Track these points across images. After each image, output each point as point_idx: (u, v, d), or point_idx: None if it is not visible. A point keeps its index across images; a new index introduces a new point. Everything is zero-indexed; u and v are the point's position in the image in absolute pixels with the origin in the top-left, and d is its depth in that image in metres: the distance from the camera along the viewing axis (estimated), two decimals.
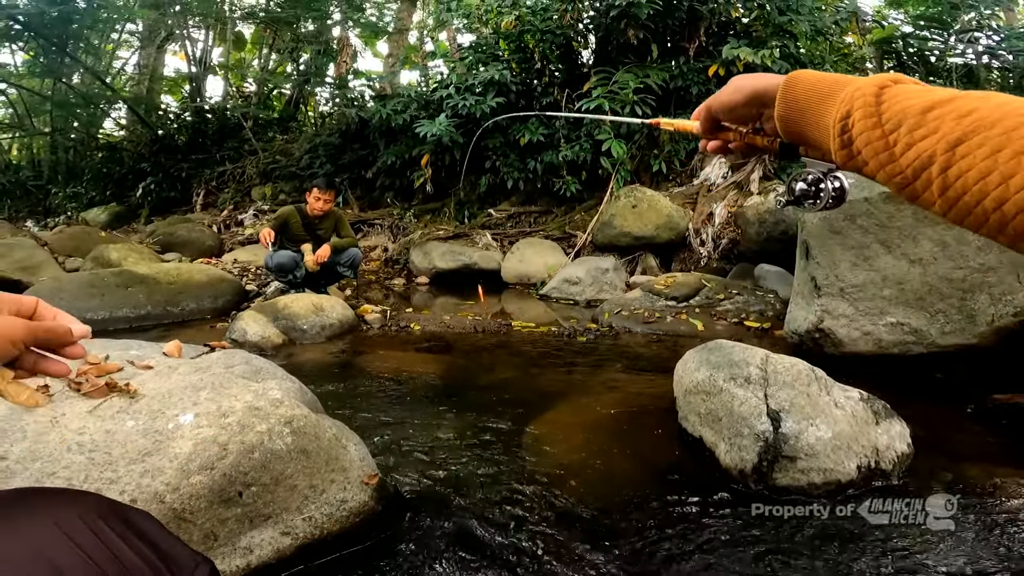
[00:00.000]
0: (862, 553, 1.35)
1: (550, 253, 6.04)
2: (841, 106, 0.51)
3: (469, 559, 1.32)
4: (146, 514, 0.62)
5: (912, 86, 0.49)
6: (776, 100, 0.59)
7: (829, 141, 0.54)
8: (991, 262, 2.48)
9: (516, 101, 6.79)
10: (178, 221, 8.18)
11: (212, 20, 11.78)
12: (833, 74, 0.57)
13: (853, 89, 0.51)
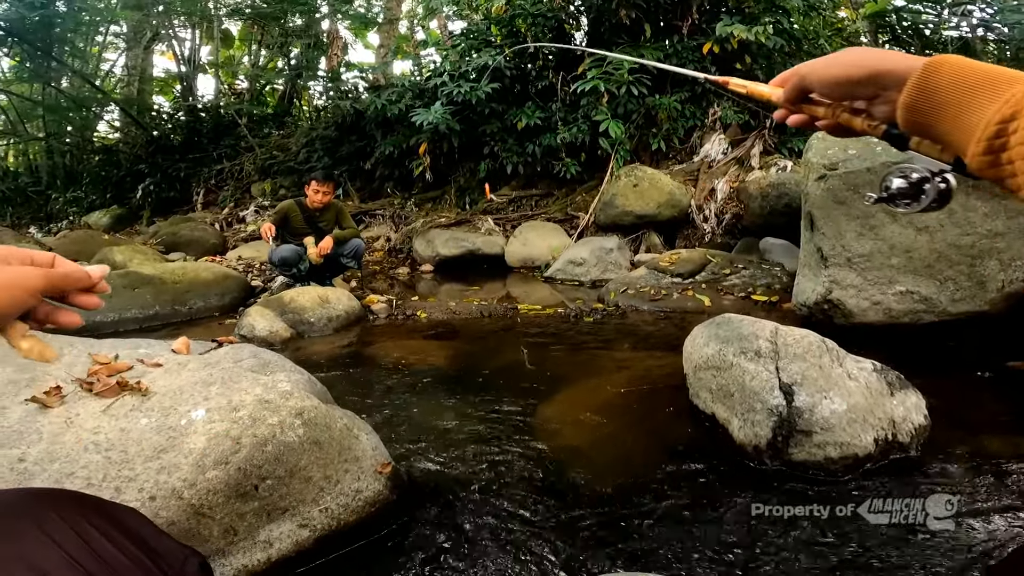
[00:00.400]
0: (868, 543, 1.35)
1: (553, 235, 6.02)
2: (1004, 107, 0.45)
3: (485, 544, 1.33)
4: (132, 511, 0.62)
5: None
6: (908, 85, 0.52)
7: (968, 141, 0.47)
8: (999, 228, 2.45)
9: (511, 86, 6.75)
10: (180, 221, 8.19)
11: (197, 18, 11.67)
12: (987, 65, 0.49)
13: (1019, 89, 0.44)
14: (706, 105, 6.48)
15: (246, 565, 1.19)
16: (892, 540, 1.09)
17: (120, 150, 11.74)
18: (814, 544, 1.10)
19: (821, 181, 2.89)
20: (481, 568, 1.25)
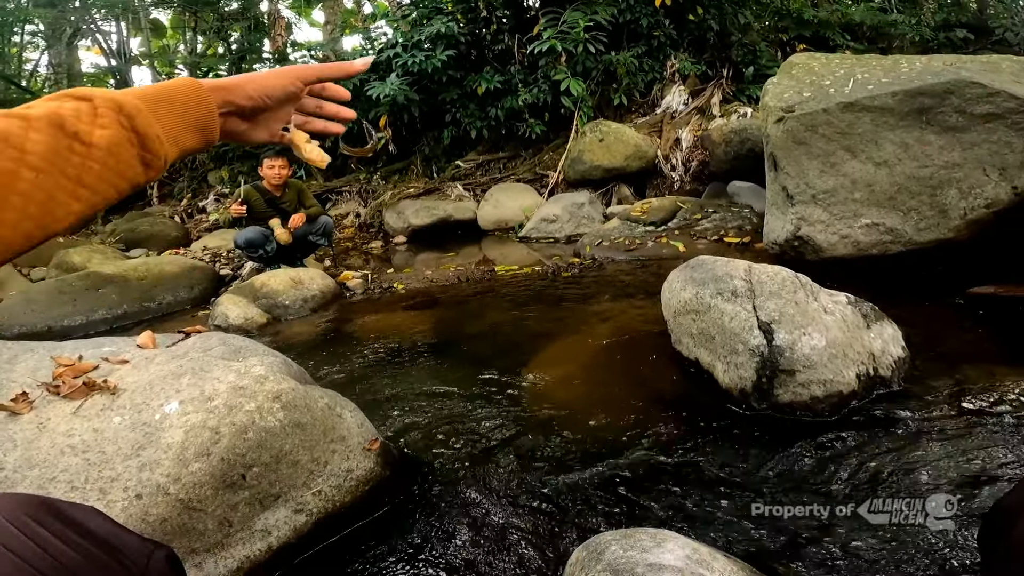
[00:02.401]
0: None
1: (524, 195, 5.99)
2: None
3: (484, 512, 1.33)
4: (90, 509, 0.60)
5: None
6: None
7: None
8: (955, 159, 2.49)
9: (467, 52, 6.60)
10: (137, 216, 7.91)
11: (120, 11, 11.05)
12: None
13: None
14: (664, 58, 6.44)
15: (248, 556, 1.17)
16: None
17: None
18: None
19: (780, 123, 2.91)
20: (480, 538, 1.25)
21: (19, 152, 0.43)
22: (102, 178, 0.48)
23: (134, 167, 0.50)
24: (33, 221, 0.43)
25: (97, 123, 0.47)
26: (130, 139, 0.49)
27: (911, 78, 2.65)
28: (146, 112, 0.51)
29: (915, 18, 7.70)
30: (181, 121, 0.56)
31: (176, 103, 0.55)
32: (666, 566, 0.86)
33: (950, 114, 2.49)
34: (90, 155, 0.46)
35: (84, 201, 0.46)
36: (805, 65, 3.27)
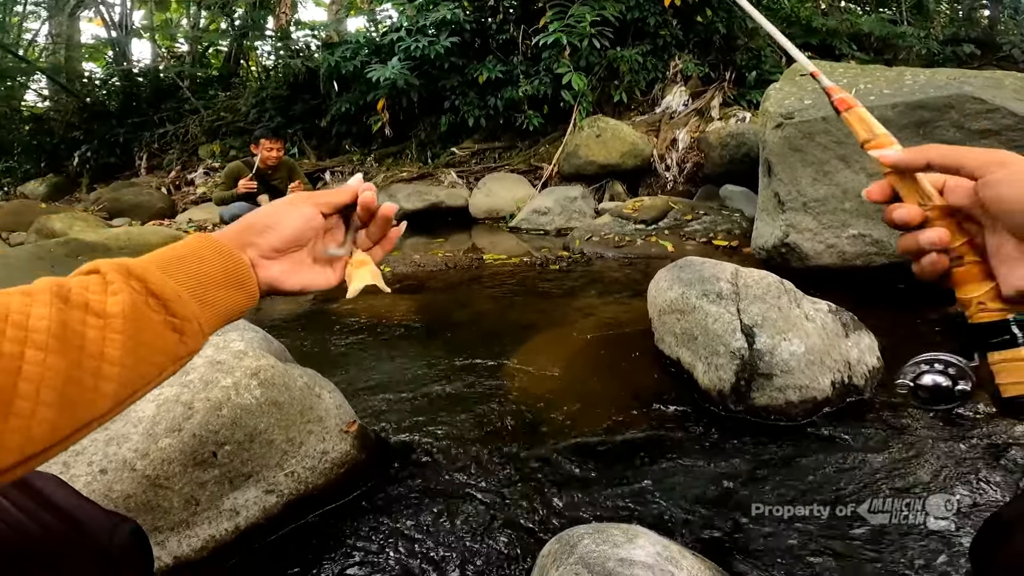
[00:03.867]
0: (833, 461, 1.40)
1: (517, 186, 5.98)
2: None
3: (459, 500, 1.32)
4: (52, 477, 0.58)
5: None
6: None
7: None
8: None
9: (471, 40, 6.56)
10: (123, 186, 7.79)
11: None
12: None
13: None
14: (667, 58, 6.44)
15: (214, 536, 1.15)
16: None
17: (51, 118, 11.10)
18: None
19: (778, 129, 2.91)
20: (453, 526, 1.24)
21: (21, 331, 0.37)
22: (132, 352, 0.41)
23: (164, 336, 0.44)
24: (53, 408, 0.37)
25: (109, 291, 0.42)
26: (148, 303, 0.43)
27: (913, 90, 2.66)
28: (156, 271, 0.46)
29: (925, 31, 7.74)
30: (204, 277, 0.49)
31: (189, 258, 0.49)
32: (637, 561, 0.86)
33: (947, 128, 2.50)
34: (109, 326, 0.41)
35: (116, 380, 0.40)
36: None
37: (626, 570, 0.84)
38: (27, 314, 0.38)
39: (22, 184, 10.17)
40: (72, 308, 0.40)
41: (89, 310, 0.41)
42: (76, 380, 0.38)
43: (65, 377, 0.37)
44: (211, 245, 0.51)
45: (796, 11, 7.45)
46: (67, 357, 0.38)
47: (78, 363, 0.38)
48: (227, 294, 0.51)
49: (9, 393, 0.35)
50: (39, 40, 13.62)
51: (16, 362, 0.36)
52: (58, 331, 0.38)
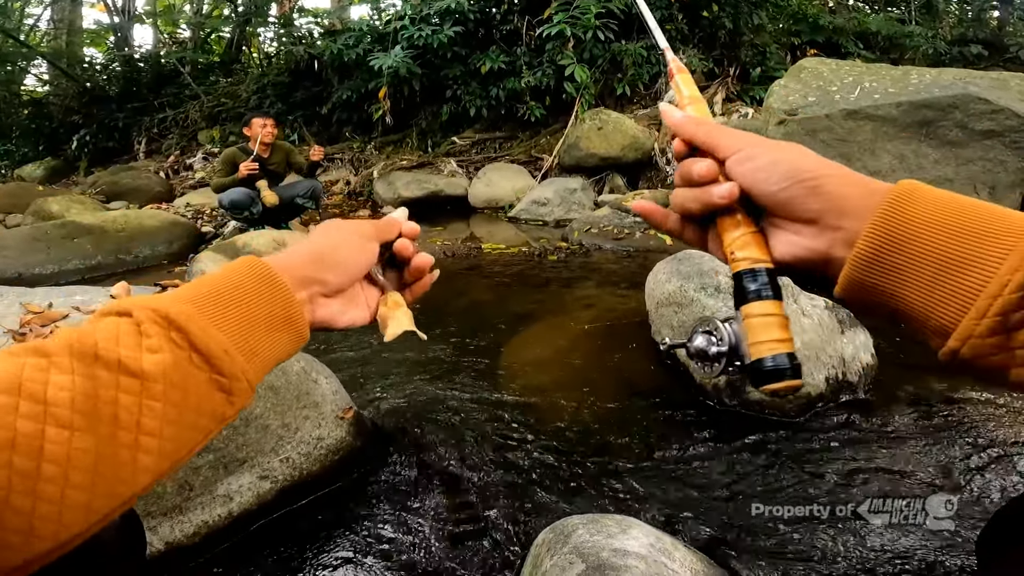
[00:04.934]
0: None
1: (517, 176, 5.96)
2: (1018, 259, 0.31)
3: (453, 489, 1.31)
4: None
5: None
6: (869, 229, 0.37)
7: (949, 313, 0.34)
8: (948, 173, 2.50)
9: (475, 30, 6.52)
10: (121, 170, 7.77)
11: None
12: (971, 201, 0.36)
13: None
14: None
15: (207, 521, 1.14)
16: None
17: (51, 102, 11.07)
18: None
19: (781, 126, 2.90)
20: (447, 513, 1.24)
21: (39, 405, 0.31)
22: (174, 420, 0.36)
23: (210, 397, 0.38)
24: (85, 491, 0.32)
25: (145, 346, 0.36)
26: (191, 359, 0.37)
27: (919, 90, 2.65)
28: (199, 318, 0.39)
29: (932, 31, 7.70)
30: (251, 320, 0.42)
31: (236, 295, 0.42)
32: (630, 552, 0.85)
33: (951, 128, 2.50)
34: (147, 392, 0.34)
35: (156, 452, 0.35)
36: (814, 70, 3.25)
37: (620, 560, 0.84)
38: (45, 382, 0.32)
39: (19, 167, 10.16)
40: (101, 368, 0.34)
41: (123, 370, 0.34)
42: (109, 457, 0.33)
43: (96, 456, 0.32)
44: (264, 279, 0.44)
45: (803, 8, 7.41)
46: (97, 433, 0.32)
47: (111, 438, 0.33)
48: (275, 339, 0.44)
49: (32, 478, 0.30)
50: (41, 25, 13.59)
51: (36, 442, 0.30)
52: (84, 404, 0.32)
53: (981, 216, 0.34)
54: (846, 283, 0.39)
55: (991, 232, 0.33)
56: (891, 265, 0.36)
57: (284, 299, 0.45)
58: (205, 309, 0.40)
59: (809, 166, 0.41)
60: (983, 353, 0.33)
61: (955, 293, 0.34)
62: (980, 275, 0.33)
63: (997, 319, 0.32)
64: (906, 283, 0.36)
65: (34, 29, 13.41)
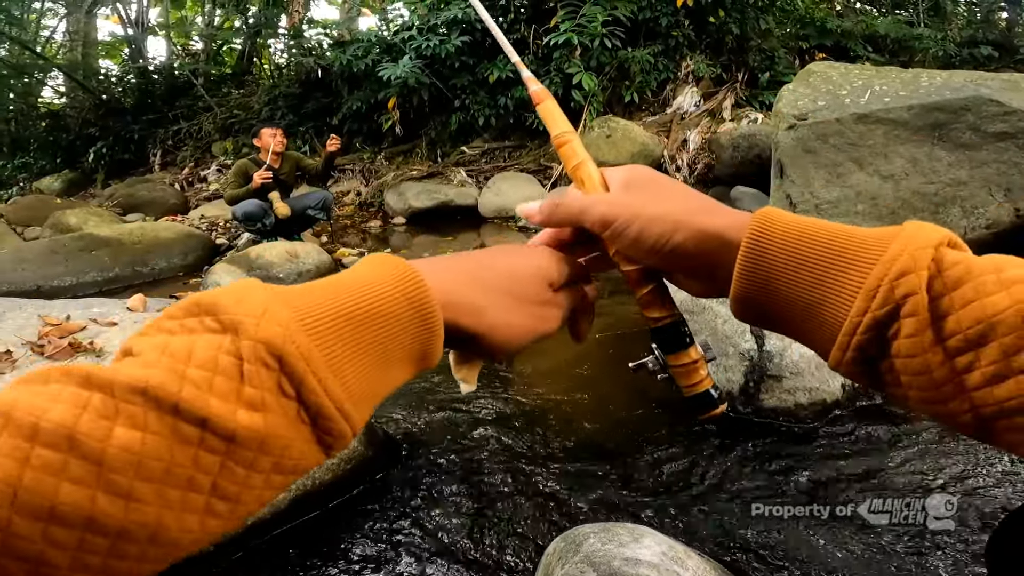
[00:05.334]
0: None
1: (527, 185, 5.98)
2: (872, 302, 0.33)
3: (464, 498, 1.32)
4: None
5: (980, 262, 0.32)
6: (737, 267, 0.38)
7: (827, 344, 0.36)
8: (962, 177, 2.48)
9: (482, 39, 6.57)
10: (137, 182, 7.91)
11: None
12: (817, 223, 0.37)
13: (887, 267, 0.32)
14: (679, 58, 6.41)
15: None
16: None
17: (67, 115, 11.26)
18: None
19: (791, 130, 2.89)
20: (459, 522, 1.24)
21: (94, 466, 0.24)
22: (256, 486, 0.29)
23: (308, 454, 0.31)
24: (134, 561, 0.26)
25: (243, 394, 0.28)
26: (295, 412, 0.30)
27: (930, 92, 2.64)
28: (320, 364, 0.30)
29: (942, 33, 7.65)
30: (387, 357, 0.34)
31: (378, 321, 0.34)
32: (642, 561, 0.85)
33: (963, 131, 2.48)
34: (234, 455, 0.28)
35: (226, 516, 0.29)
36: (823, 74, 3.24)
37: (631, 569, 0.83)
38: (104, 439, 0.25)
39: (38, 180, 10.32)
40: (182, 423, 0.26)
41: (209, 429, 0.27)
42: (172, 525, 0.27)
43: (156, 527, 0.26)
44: (416, 305, 0.35)
45: (811, 12, 7.39)
46: (163, 500, 0.26)
47: (180, 503, 0.27)
48: (400, 373, 0.36)
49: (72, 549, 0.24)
50: (56, 37, 13.88)
51: (83, 512, 0.24)
52: (154, 470, 0.26)
53: (834, 246, 0.35)
54: (736, 315, 0.42)
55: (845, 265, 0.34)
56: (763, 303, 0.38)
57: (433, 336, 0.36)
58: (330, 343, 0.31)
59: (665, 231, 0.41)
60: (855, 377, 0.36)
61: (821, 326, 0.36)
62: (838, 311, 0.34)
63: (856, 354, 0.34)
64: (781, 316, 0.38)
65: (50, 41, 13.70)
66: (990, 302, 0.30)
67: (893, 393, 0.35)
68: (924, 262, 0.32)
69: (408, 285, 0.35)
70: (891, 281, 0.32)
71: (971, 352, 0.30)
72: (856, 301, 0.33)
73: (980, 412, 0.30)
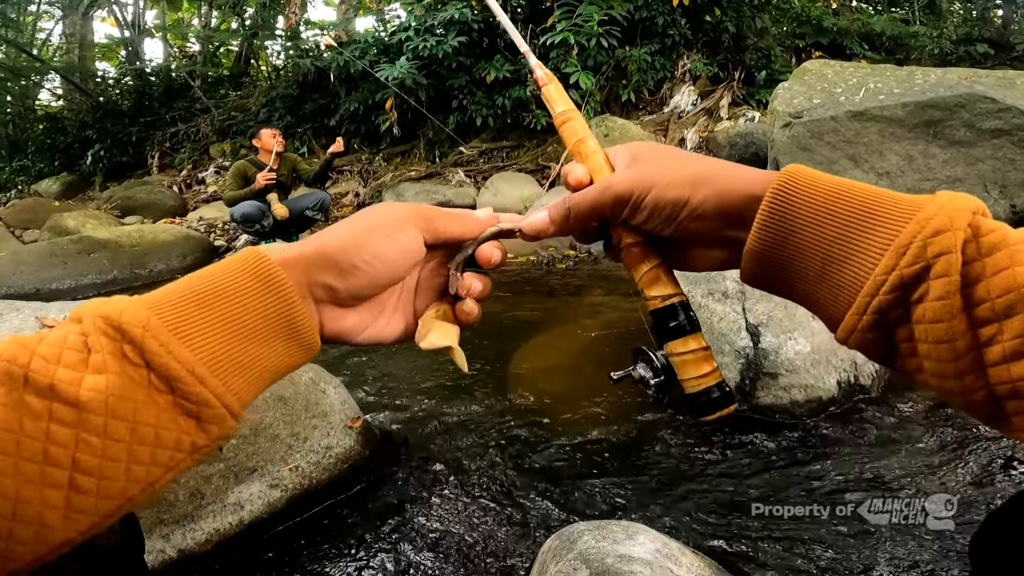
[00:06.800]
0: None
1: (525, 185, 5.99)
2: (900, 260, 0.31)
3: (460, 496, 1.32)
4: None
5: (1018, 232, 0.30)
6: (757, 222, 0.36)
7: (842, 306, 0.34)
8: (958, 174, 2.49)
9: (479, 39, 6.58)
10: (135, 184, 7.92)
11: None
12: (859, 187, 0.34)
13: (921, 225, 0.30)
14: (676, 57, 6.42)
15: (218, 529, 1.16)
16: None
17: (65, 117, 11.29)
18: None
19: (786, 128, 2.90)
20: (455, 523, 1.24)
21: None
22: (116, 457, 0.29)
23: (175, 425, 0.31)
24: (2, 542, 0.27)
25: (90, 364, 0.29)
26: (150, 380, 0.30)
27: (924, 90, 2.64)
28: (161, 330, 0.31)
29: (937, 31, 7.66)
30: (238, 327, 0.34)
31: (226, 295, 0.34)
32: (636, 558, 0.86)
33: (958, 128, 2.48)
34: (84, 424, 0.28)
35: (95, 493, 0.29)
36: (819, 72, 3.25)
37: (625, 566, 0.84)
38: None
39: (36, 182, 10.33)
40: (30, 394, 0.27)
41: (56, 397, 0.28)
42: (33, 501, 0.27)
43: (15, 500, 0.26)
44: (261, 277, 0.36)
45: (807, 10, 7.40)
46: (19, 473, 0.27)
47: (38, 478, 0.27)
48: (273, 349, 0.36)
49: None
50: (53, 39, 13.88)
51: None
52: (4, 440, 0.27)
53: (864, 204, 0.33)
54: (745, 275, 0.39)
55: (872, 223, 0.32)
56: (780, 260, 0.36)
57: (285, 302, 0.36)
58: (175, 316, 0.32)
59: (683, 193, 0.39)
60: (866, 346, 0.34)
61: (839, 286, 0.34)
62: (860, 271, 0.32)
63: (875, 317, 0.32)
64: (795, 276, 0.36)
65: (47, 44, 13.69)
66: (1023, 271, 0.28)
67: (903, 366, 0.33)
68: (961, 223, 0.30)
69: (251, 261, 0.36)
70: (925, 239, 0.30)
71: (996, 324, 0.28)
72: (883, 258, 0.31)
73: (994, 390, 0.29)
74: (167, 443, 0.31)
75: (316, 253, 0.39)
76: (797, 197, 0.35)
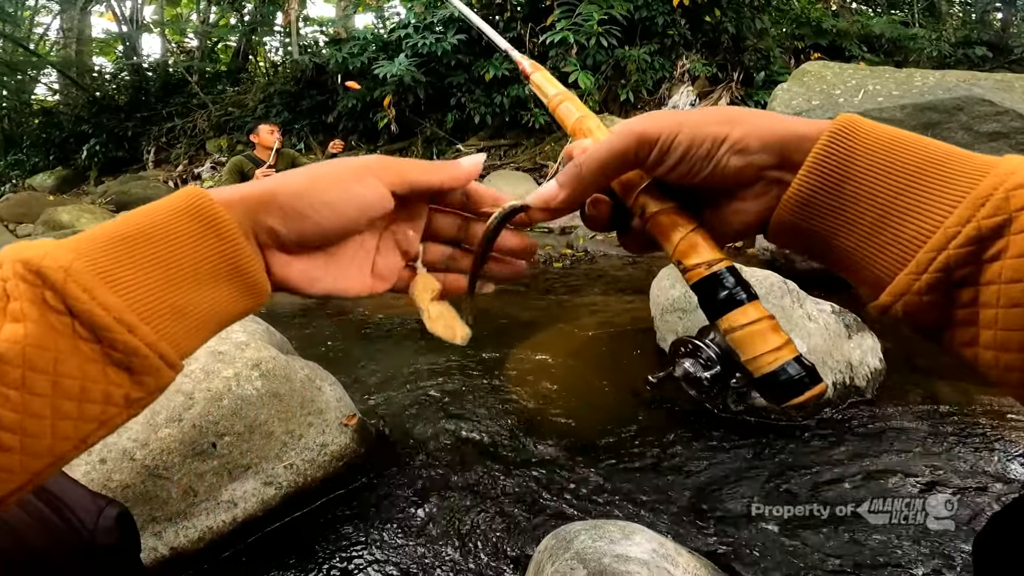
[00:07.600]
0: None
1: (522, 184, 5.98)
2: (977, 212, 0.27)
3: (457, 495, 1.32)
4: None
5: None
6: (808, 164, 0.32)
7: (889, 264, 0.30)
8: None
9: (478, 37, 6.57)
10: (131, 179, 7.90)
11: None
12: (928, 140, 0.31)
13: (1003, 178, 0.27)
14: (675, 58, 6.43)
15: (211, 527, 1.15)
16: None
17: (61, 112, 11.25)
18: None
19: None
20: (451, 520, 1.24)
21: None
22: (39, 412, 0.27)
23: (104, 377, 0.29)
24: None
25: (8, 312, 0.27)
26: (74, 328, 0.28)
27: (923, 92, 2.65)
28: (84, 274, 0.28)
29: (936, 33, 7.68)
30: (178, 270, 0.32)
31: (158, 236, 0.31)
32: (632, 558, 0.85)
33: (956, 131, 2.49)
34: (4, 378, 0.26)
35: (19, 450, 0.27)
36: (818, 74, 3.25)
37: (622, 566, 0.83)
38: None
39: (30, 176, 10.30)
40: None
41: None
42: None
43: None
44: (198, 215, 0.33)
45: (807, 12, 7.41)
46: None
47: None
48: (216, 293, 0.33)
49: None
50: (50, 34, 13.85)
51: None
52: None
53: (933, 156, 0.30)
54: (778, 226, 0.35)
55: (943, 175, 0.29)
56: (827, 207, 0.32)
57: (228, 243, 0.33)
58: (103, 259, 0.29)
59: (721, 131, 0.35)
60: (917, 311, 0.30)
61: (895, 242, 0.30)
62: (925, 224, 0.29)
63: (938, 275, 0.28)
64: (842, 227, 0.32)
65: (43, 38, 13.64)
66: None
67: (952, 337, 0.30)
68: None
69: (189, 200, 0.33)
70: (1008, 190, 0.27)
71: None
72: (958, 209, 0.28)
73: None
74: (95, 396, 0.29)
75: (264, 195, 0.35)
76: (859, 141, 0.31)
